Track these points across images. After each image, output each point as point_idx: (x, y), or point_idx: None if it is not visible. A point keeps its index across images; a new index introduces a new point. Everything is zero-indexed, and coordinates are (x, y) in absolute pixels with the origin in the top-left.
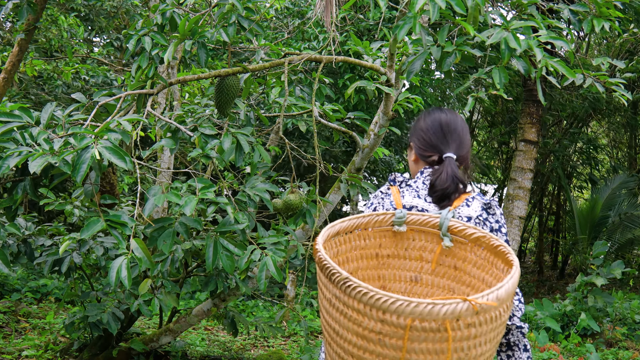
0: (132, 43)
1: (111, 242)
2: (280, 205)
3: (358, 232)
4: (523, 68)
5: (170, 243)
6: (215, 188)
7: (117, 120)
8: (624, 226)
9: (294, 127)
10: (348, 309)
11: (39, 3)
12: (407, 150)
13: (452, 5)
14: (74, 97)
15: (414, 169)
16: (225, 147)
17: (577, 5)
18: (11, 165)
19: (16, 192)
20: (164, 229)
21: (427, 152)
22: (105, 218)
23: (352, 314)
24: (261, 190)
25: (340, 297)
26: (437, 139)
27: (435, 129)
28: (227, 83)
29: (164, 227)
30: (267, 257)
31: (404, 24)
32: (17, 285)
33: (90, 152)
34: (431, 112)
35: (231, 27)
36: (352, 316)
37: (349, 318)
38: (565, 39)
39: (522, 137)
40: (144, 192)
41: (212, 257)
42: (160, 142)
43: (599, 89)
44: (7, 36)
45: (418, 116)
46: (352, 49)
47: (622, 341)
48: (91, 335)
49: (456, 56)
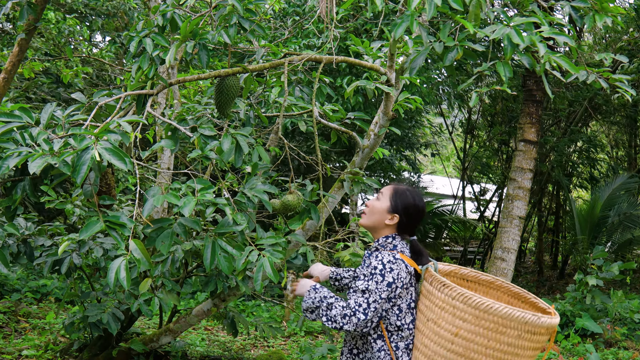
0: (133, 45)
1: (111, 243)
2: (278, 206)
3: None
4: (527, 63)
5: (168, 244)
6: (215, 189)
7: (116, 121)
8: (623, 226)
9: (294, 127)
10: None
11: (39, 3)
12: (387, 213)
13: (449, 1)
14: (74, 97)
15: (382, 228)
16: (224, 148)
17: (578, 1)
18: (11, 166)
19: (15, 192)
20: (162, 229)
21: (408, 230)
22: (104, 219)
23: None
24: (260, 192)
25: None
26: (417, 224)
27: (419, 217)
28: (227, 83)
29: (162, 227)
30: (264, 258)
31: (402, 22)
32: (17, 285)
33: (90, 153)
34: (417, 198)
35: (232, 28)
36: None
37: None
38: (568, 35)
39: (522, 137)
40: (143, 193)
41: (210, 259)
42: (160, 143)
43: (603, 85)
44: (9, 32)
45: (406, 192)
46: (352, 49)
47: (622, 341)
48: (91, 335)
49: (458, 51)
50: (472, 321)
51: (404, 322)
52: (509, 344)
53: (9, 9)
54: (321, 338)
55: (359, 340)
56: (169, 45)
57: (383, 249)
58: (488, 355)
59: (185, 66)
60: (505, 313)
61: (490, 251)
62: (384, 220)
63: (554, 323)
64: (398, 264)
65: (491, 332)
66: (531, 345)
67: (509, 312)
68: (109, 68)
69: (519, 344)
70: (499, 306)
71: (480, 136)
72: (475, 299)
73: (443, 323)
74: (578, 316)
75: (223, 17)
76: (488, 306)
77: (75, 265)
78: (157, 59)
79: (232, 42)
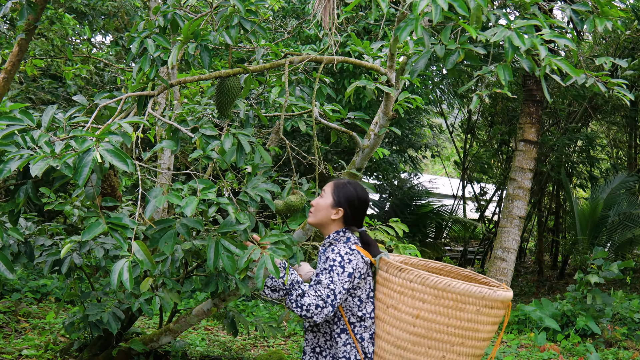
0: (134, 46)
1: (111, 243)
2: (281, 206)
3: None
4: (527, 66)
5: (172, 244)
6: (216, 188)
7: (117, 123)
8: (623, 226)
9: (294, 127)
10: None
11: (39, 3)
12: (332, 208)
13: (455, 6)
14: (75, 99)
15: (330, 224)
16: (226, 147)
17: (579, 5)
18: (12, 169)
19: (18, 195)
20: (165, 230)
21: (355, 222)
22: (106, 220)
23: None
24: (262, 190)
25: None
26: (363, 216)
27: (364, 208)
28: (228, 84)
29: (165, 228)
30: (266, 255)
31: (406, 26)
32: (17, 285)
33: (91, 155)
34: (358, 190)
35: (233, 29)
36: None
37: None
38: (569, 38)
39: (522, 137)
40: (144, 193)
41: (214, 258)
42: (161, 144)
43: (601, 89)
44: (10, 33)
45: (347, 185)
46: (352, 49)
47: (622, 341)
48: (91, 335)
49: (459, 54)
50: (431, 301)
51: (366, 312)
52: (469, 320)
53: (9, 9)
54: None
55: (321, 337)
56: (170, 46)
57: (337, 243)
58: (450, 334)
59: (187, 66)
60: (464, 289)
61: (490, 251)
62: (330, 215)
63: (509, 296)
64: (355, 255)
65: (451, 309)
66: (489, 320)
67: (467, 287)
68: (109, 68)
69: (478, 319)
70: (457, 283)
71: (480, 136)
72: (433, 278)
73: (403, 307)
74: (578, 316)
75: (224, 17)
76: (446, 284)
77: (76, 265)
78: (158, 60)
79: (233, 42)
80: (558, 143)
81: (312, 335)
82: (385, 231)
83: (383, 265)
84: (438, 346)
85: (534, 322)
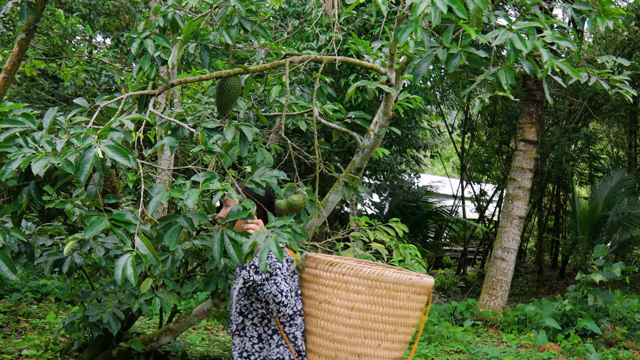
0: (134, 46)
1: (112, 243)
2: (284, 206)
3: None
4: (529, 69)
5: (176, 239)
6: (219, 177)
7: (119, 120)
8: (623, 226)
9: (294, 127)
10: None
11: (39, 3)
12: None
13: (454, 9)
14: (75, 102)
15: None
16: (228, 138)
17: (580, 4)
18: (14, 168)
19: (21, 196)
20: (170, 225)
21: (265, 221)
22: (109, 217)
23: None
24: (269, 177)
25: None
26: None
27: (271, 205)
28: (229, 84)
29: (170, 224)
30: (271, 239)
31: (406, 27)
32: (17, 285)
33: (93, 152)
34: (268, 190)
35: (233, 29)
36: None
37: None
38: (570, 39)
39: (522, 137)
40: (147, 191)
41: (219, 251)
42: (162, 141)
43: (604, 87)
44: (9, 33)
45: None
46: (353, 48)
47: (622, 341)
48: (91, 335)
49: (461, 57)
50: (366, 292)
51: (297, 309)
52: (401, 307)
53: (9, 9)
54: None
55: (247, 342)
56: (170, 46)
57: None
58: (384, 322)
59: (187, 67)
60: (396, 277)
61: (490, 251)
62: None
63: (432, 282)
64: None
65: (384, 298)
66: (416, 306)
67: (398, 275)
68: (108, 67)
69: (409, 305)
70: (389, 272)
71: (479, 136)
72: (366, 269)
73: (337, 300)
74: (579, 316)
75: (224, 17)
76: (379, 274)
77: (77, 265)
78: (159, 60)
79: (233, 42)
80: (558, 143)
81: (238, 340)
82: (385, 231)
83: (311, 262)
84: (374, 335)
85: (534, 322)
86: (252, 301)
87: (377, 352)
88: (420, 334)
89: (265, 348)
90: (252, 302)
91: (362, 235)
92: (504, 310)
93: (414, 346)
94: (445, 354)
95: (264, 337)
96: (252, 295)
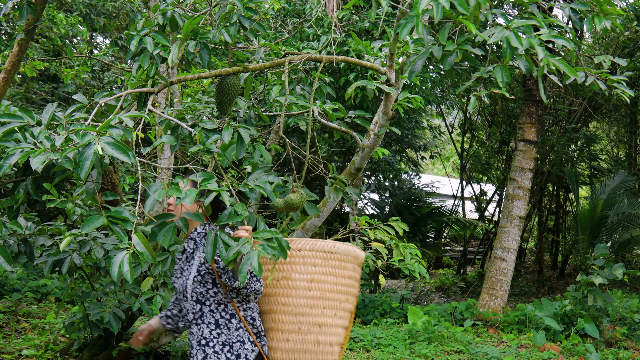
0: (134, 44)
1: (112, 244)
2: (281, 205)
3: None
4: (525, 67)
5: (170, 238)
6: (216, 179)
7: (118, 117)
8: (623, 226)
9: (295, 127)
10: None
11: (39, 3)
12: (195, 203)
13: (456, 5)
14: (74, 98)
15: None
16: (225, 139)
17: (578, 4)
18: (12, 163)
19: (18, 191)
20: (165, 224)
21: (213, 214)
22: (106, 214)
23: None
24: (263, 182)
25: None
26: (218, 207)
27: (219, 200)
28: (228, 83)
29: (164, 222)
30: (255, 251)
31: (407, 23)
32: (17, 285)
33: (92, 148)
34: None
35: (232, 27)
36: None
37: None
38: (567, 38)
39: (522, 137)
40: (145, 189)
41: (212, 252)
42: (161, 139)
43: (601, 87)
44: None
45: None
46: (353, 48)
47: (622, 341)
48: (91, 335)
49: (457, 55)
50: (322, 264)
51: None
52: (349, 277)
53: (9, 9)
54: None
55: (205, 329)
56: (170, 44)
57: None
58: (339, 292)
59: (187, 65)
60: (345, 249)
61: (490, 251)
62: (194, 210)
63: (364, 256)
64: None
65: (337, 269)
66: (357, 277)
67: (346, 247)
68: (109, 68)
69: (354, 276)
70: (339, 244)
71: (479, 136)
72: (320, 242)
73: (296, 275)
74: (579, 316)
75: (223, 16)
76: (332, 246)
77: (76, 265)
78: (158, 58)
79: (232, 41)
80: (558, 143)
81: (196, 329)
82: (385, 230)
83: None
84: (331, 305)
85: (534, 322)
86: (207, 288)
87: (334, 321)
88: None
89: (223, 333)
90: (208, 289)
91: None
92: (504, 310)
93: (352, 315)
94: (445, 354)
95: (221, 322)
96: (208, 282)
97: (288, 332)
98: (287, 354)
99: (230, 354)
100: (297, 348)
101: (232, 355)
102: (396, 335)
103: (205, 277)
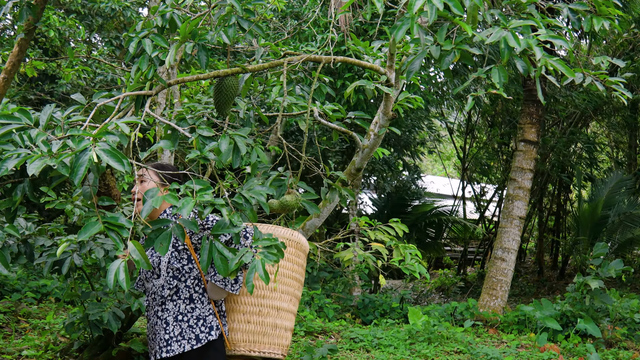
0: (132, 46)
1: (111, 244)
2: (276, 205)
3: None
4: (522, 67)
5: (166, 245)
6: (214, 190)
7: (115, 123)
8: (623, 226)
9: (295, 127)
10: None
11: (39, 3)
12: (161, 187)
13: (450, 6)
14: (73, 98)
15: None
16: (222, 148)
17: (576, 4)
18: (10, 167)
19: (15, 193)
20: (161, 230)
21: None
22: (103, 220)
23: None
24: (257, 193)
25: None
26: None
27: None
28: (227, 83)
29: (161, 229)
30: (258, 260)
31: (402, 25)
32: (17, 285)
33: (88, 155)
34: (170, 166)
35: (231, 28)
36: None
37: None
38: (565, 38)
39: (522, 137)
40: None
41: (207, 260)
42: (159, 144)
43: (599, 88)
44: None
45: (162, 164)
46: (352, 48)
47: (622, 341)
48: (91, 335)
49: (455, 55)
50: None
51: None
52: (301, 266)
53: (9, 9)
54: (321, 338)
55: (181, 304)
56: (168, 46)
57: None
58: (293, 278)
59: (186, 66)
60: (300, 239)
61: (490, 251)
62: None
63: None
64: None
65: (293, 256)
66: (304, 266)
67: (301, 237)
68: (107, 68)
69: (303, 265)
70: (296, 233)
71: (479, 137)
72: (280, 229)
73: None
74: (579, 317)
75: (222, 17)
76: (291, 233)
77: (76, 266)
78: (157, 60)
79: (231, 42)
80: (559, 144)
81: (172, 305)
82: (385, 231)
83: None
84: (287, 290)
85: (534, 322)
86: (183, 264)
87: (289, 307)
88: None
89: (197, 307)
90: (184, 265)
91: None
92: (504, 311)
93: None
94: (446, 354)
95: (195, 297)
96: (184, 259)
97: (249, 313)
98: (246, 335)
99: (204, 327)
100: (256, 330)
101: (206, 328)
102: (396, 335)
103: (182, 253)
